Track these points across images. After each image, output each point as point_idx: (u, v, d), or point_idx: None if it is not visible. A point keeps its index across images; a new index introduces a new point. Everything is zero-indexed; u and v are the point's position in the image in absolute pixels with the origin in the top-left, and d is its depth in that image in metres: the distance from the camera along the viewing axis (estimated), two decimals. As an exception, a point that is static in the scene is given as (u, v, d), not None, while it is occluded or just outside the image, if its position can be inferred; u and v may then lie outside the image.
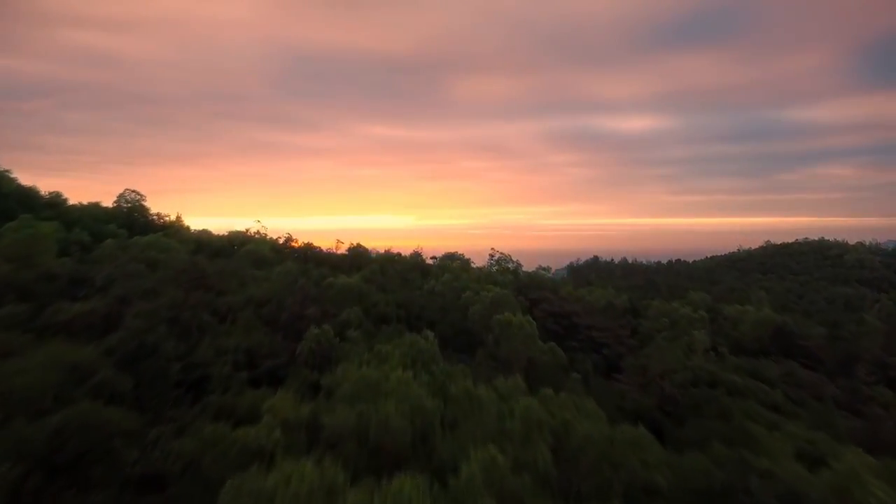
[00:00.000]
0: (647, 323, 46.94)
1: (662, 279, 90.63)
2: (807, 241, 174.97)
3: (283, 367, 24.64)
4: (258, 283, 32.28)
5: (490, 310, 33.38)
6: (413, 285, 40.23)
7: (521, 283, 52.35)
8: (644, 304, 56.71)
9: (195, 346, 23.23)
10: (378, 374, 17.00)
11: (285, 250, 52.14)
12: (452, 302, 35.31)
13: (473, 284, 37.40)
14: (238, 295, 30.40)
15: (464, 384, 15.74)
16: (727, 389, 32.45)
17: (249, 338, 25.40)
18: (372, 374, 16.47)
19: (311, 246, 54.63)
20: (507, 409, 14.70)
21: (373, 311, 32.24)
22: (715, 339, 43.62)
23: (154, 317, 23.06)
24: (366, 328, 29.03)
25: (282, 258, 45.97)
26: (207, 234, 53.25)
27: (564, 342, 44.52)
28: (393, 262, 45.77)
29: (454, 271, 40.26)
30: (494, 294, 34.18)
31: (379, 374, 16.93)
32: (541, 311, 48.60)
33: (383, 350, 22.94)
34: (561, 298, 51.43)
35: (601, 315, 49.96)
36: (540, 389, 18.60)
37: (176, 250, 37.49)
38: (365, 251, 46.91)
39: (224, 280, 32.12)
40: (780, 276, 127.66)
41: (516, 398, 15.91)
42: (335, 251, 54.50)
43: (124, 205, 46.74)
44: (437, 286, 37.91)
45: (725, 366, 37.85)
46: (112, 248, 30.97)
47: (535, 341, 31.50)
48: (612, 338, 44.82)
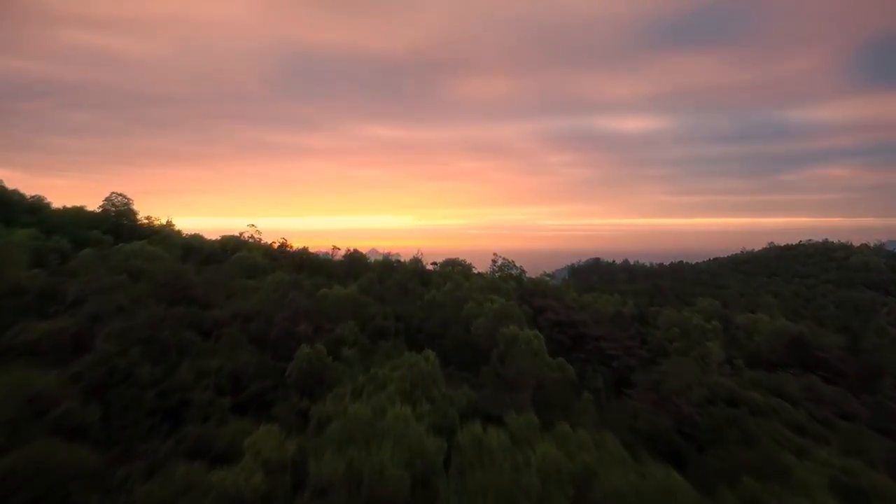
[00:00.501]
0: (657, 333, 44.89)
1: (668, 283, 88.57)
2: (811, 243, 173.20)
3: (270, 391, 22.57)
4: (247, 296, 30.22)
5: (495, 323, 31.32)
6: (413, 295, 38.16)
7: (525, 290, 50.30)
8: (652, 311, 54.65)
9: (174, 369, 21.15)
10: (372, 410, 14.92)
11: (280, 256, 50.08)
12: (454, 314, 33.25)
13: (476, 294, 35.34)
14: (225, 309, 28.34)
15: (471, 432, 13.64)
16: (748, 408, 30.44)
17: (234, 358, 23.32)
18: (365, 413, 14.39)
19: (306, 251, 52.57)
20: (521, 458, 12.63)
21: (370, 325, 30.18)
22: (729, 351, 41.58)
23: (128, 337, 20.99)
24: (362, 345, 26.96)
25: (275, 265, 43.91)
26: (199, 239, 51.18)
27: (571, 354, 42.51)
28: (391, 270, 43.70)
29: (456, 280, 38.19)
30: (499, 305, 32.12)
31: (373, 411, 14.85)
32: (546, 321, 46.56)
33: (380, 374, 20.90)
34: (567, 307, 49.36)
35: (609, 324, 47.92)
36: (555, 424, 16.57)
37: (162, 259, 35.43)
38: (362, 257, 44.71)
39: (210, 292, 30.05)
40: (786, 280, 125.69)
41: (531, 442, 13.84)
42: (331, 256, 52.47)
43: (111, 209, 44.63)
44: (438, 296, 35.85)
45: (742, 381, 35.77)
46: (90, 258, 28.90)
47: (544, 357, 29.40)
48: (621, 349, 42.77)
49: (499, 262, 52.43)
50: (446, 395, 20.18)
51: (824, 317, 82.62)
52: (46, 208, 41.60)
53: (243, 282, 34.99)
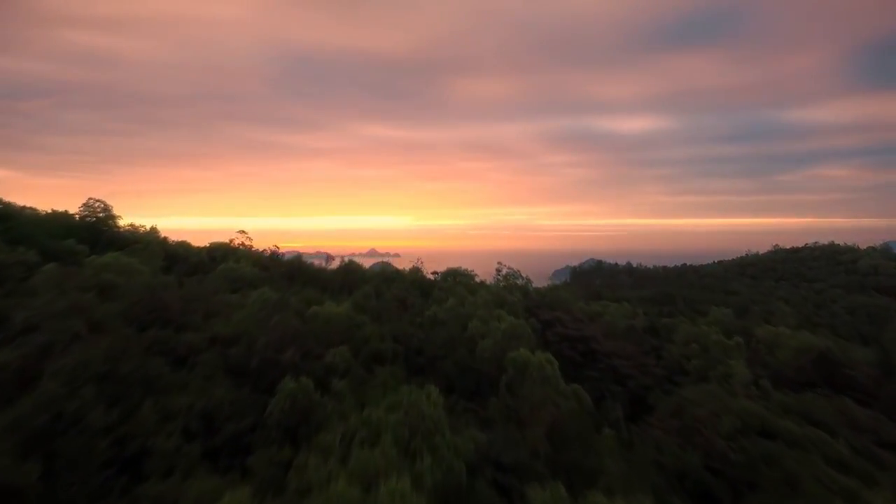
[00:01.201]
0: (673, 348, 42.06)
1: (676, 289, 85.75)
2: (817, 246, 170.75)
3: (248, 433, 19.65)
4: (229, 315, 27.27)
5: (503, 345, 28.47)
6: (412, 310, 35.22)
7: (532, 301, 47.42)
8: (665, 323, 51.80)
9: (135, 410, 18.21)
10: (360, 485, 12.01)
11: (271, 265, 47.13)
12: (458, 333, 30.34)
13: (481, 311, 32.43)
14: (203, 331, 25.38)
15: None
16: (784, 440, 27.67)
17: (209, 393, 20.38)
18: (351, 494, 11.46)
19: (299, 259, 49.60)
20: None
21: (364, 348, 27.25)
22: (751, 369, 38.78)
23: (81, 373, 18.04)
24: (355, 374, 24.02)
25: (264, 277, 40.96)
26: (185, 247, 48.21)
27: (583, 371, 39.66)
28: (390, 281, 40.78)
29: (459, 294, 35.26)
30: (507, 325, 29.21)
31: (362, 487, 11.94)
32: (555, 335, 43.68)
33: (374, 417, 17.99)
34: (576, 319, 46.48)
35: (621, 339, 45.06)
36: (587, 495, 13.73)
37: (138, 272, 32.44)
38: (358, 268, 41.72)
39: (188, 311, 27.10)
40: (794, 284, 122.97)
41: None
42: (326, 264, 49.56)
43: (90, 215, 41.69)
44: (439, 313, 32.92)
45: (772, 405, 33.05)
46: (53, 275, 25.94)
47: (558, 384, 26.52)
48: (635, 367, 39.89)
49: (503, 270, 49.63)
50: (451, 443, 17.29)
51: (838, 325, 79.83)
52: (19, 215, 38.59)
53: (227, 297, 32.03)
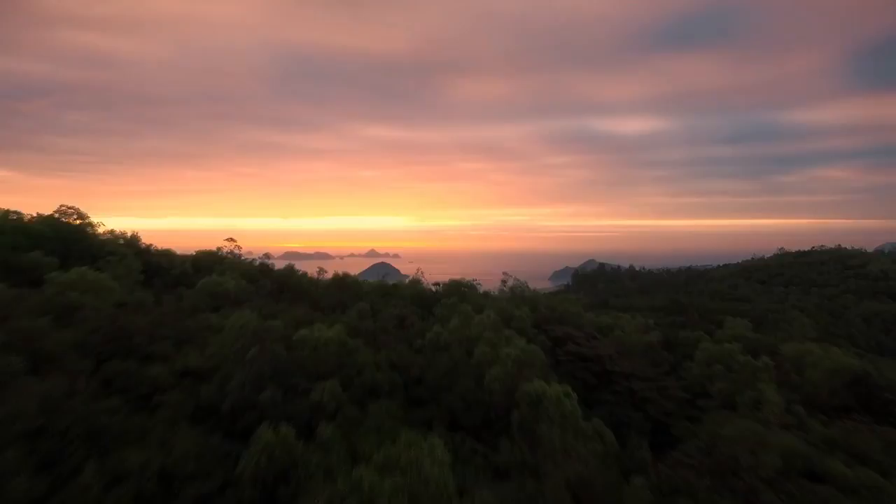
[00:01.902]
0: (694, 368, 38.83)
1: (686, 297, 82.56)
2: (824, 250, 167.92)
3: (215, 496, 16.42)
4: (203, 343, 24.04)
5: (514, 374, 25.26)
6: (412, 330, 31.98)
7: (542, 316, 44.18)
8: (681, 337, 48.63)
9: (74, 474, 14.96)
10: None
11: (259, 276, 43.89)
12: (463, 360, 27.11)
13: (489, 333, 29.20)
14: (171, 363, 22.14)
15: None
16: (834, 484, 24.46)
17: (170, 445, 17.12)
18: None
19: (291, 269, 46.34)
20: None
21: (357, 379, 23.99)
22: (781, 393, 35.53)
23: (8, 428, 14.80)
24: (346, 413, 20.75)
25: (251, 291, 37.71)
26: (168, 257, 44.97)
27: (598, 394, 36.42)
28: (387, 296, 37.55)
29: (463, 312, 32.02)
30: (518, 351, 25.96)
31: None
32: (567, 354, 40.47)
33: (366, 482, 14.78)
34: (589, 336, 43.25)
35: (638, 358, 41.85)
36: None
37: (109, 290, 29.22)
38: (353, 282, 38.38)
39: (157, 337, 23.86)
40: (804, 290, 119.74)
41: None
42: (319, 277, 46.32)
43: (62, 222, 38.43)
44: (442, 334, 29.69)
45: (812, 437, 29.80)
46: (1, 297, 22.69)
47: (578, 421, 23.30)
48: (656, 390, 36.64)
49: (510, 281, 46.42)
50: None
51: (856, 335, 76.82)
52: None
53: (206, 318, 28.79)
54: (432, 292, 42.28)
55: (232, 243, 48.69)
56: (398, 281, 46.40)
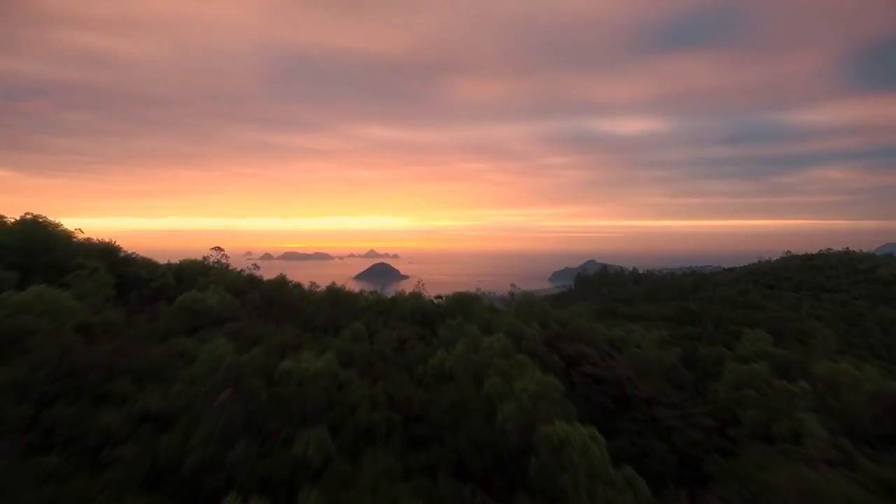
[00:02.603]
0: (720, 391, 35.58)
1: (697, 304, 79.23)
2: (832, 253, 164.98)
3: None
4: (172, 378, 20.67)
5: (529, 411, 21.97)
6: (411, 355, 28.63)
7: (552, 332, 40.85)
8: (702, 354, 45.39)
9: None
10: None
11: (247, 289, 40.51)
12: (470, 393, 23.77)
13: (499, 360, 25.86)
14: (130, 405, 18.79)
15: None
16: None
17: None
18: None
19: (282, 280, 42.95)
20: None
21: (349, 420, 20.64)
22: (823, 422, 32.33)
23: None
24: (335, 469, 17.41)
25: (236, 308, 34.37)
26: (148, 267, 41.58)
27: (617, 422, 33.15)
28: (385, 313, 34.14)
29: (470, 335, 28.68)
30: (534, 384, 22.61)
31: None
32: (582, 376, 37.13)
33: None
34: (604, 354, 39.92)
35: (658, 377, 38.55)
36: None
37: (69, 312, 25.82)
38: (347, 297, 34.88)
39: (116, 372, 20.51)
40: (814, 295, 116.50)
41: None
42: (311, 289, 42.95)
43: (29, 230, 35.03)
44: (446, 361, 26.37)
45: (865, 479, 26.54)
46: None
47: (606, 470, 19.98)
48: (681, 417, 33.32)
49: (517, 293, 43.15)
50: None
51: (875, 345, 73.55)
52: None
53: (181, 343, 25.42)
54: (435, 306, 38.93)
55: (219, 252, 45.34)
56: (397, 293, 43.06)
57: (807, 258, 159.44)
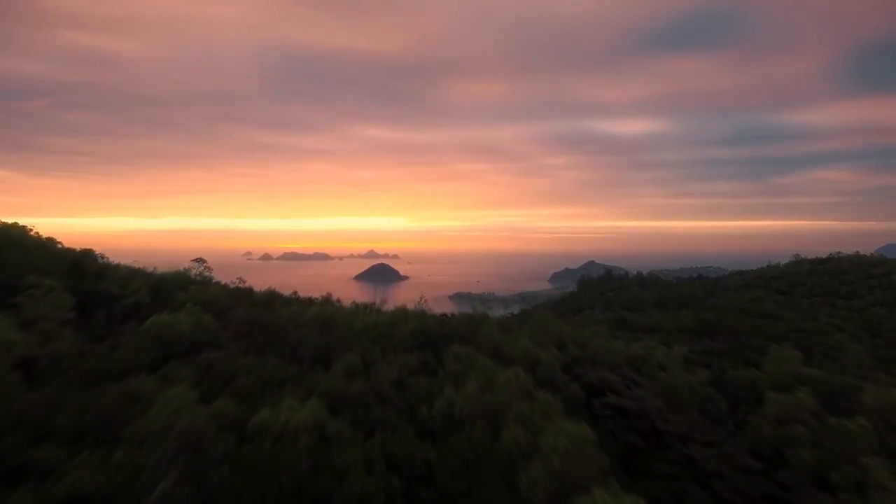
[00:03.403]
0: (765, 427, 31.50)
1: (714, 314, 75.17)
2: (843, 256, 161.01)
3: None
4: (113, 439, 16.55)
5: (561, 475, 17.93)
6: (414, 392, 24.50)
7: (571, 355, 36.76)
8: (734, 377, 41.33)
9: None
10: None
11: (233, 304, 36.42)
12: (485, 448, 19.67)
13: (518, 401, 21.75)
14: (55, 481, 14.66)
15: None
16: None
17: None
18: None
19: (272, 297, 38.82)
20: None
21: (339, 491, 16.54)
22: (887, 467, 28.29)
23: None
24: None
25: (214, 332, 30.27)
26: (122, 280, 37.45)
27: (649, 463, 29.11)
28: (385, 338, 29.92)
29: (482, 370, 24.53)
30: (566, 442, 18.50)
31: None
32: (605, 408, 33.02)
33: None
34: (628, 380, 35.82)
35: (689, 407, 34.48)
36: None
37: (8, 344, 21.71)
38: (339, 320, 30.49)
39: (45, 433, 16.37)
40: (830, 303, 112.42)
41: None
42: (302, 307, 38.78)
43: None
44: (456, 403, 22.26)
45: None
46: None
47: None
48: (722, 457, 29.22)
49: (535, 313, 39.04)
50: None
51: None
52: None
53: (139, 384, 21.28)
54: (440, 327, 34.77)
55: (202, 265, 41.22)
56: (397, 309, 38.92)
57: (817, 262, 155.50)
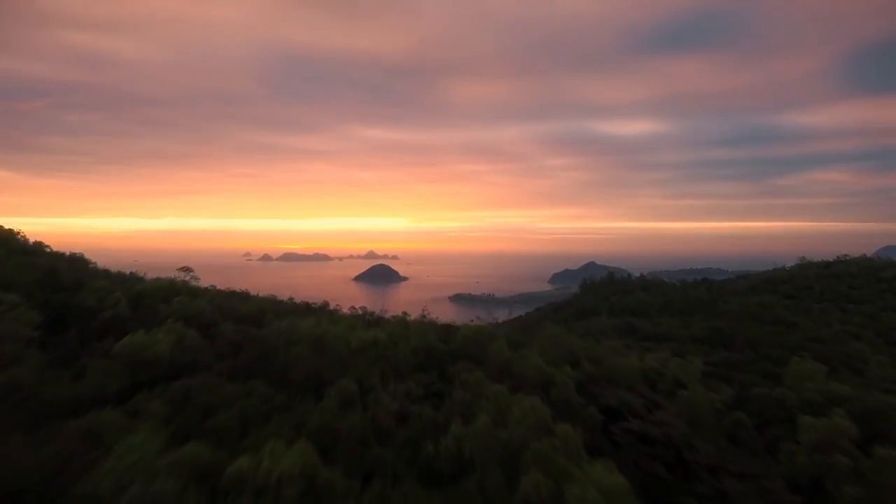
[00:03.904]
0: (801, 457, 28.83)
1: (727, 322, 72.64)
2: (850, 259, 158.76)
3: None
4: (61, 496, 13.85)
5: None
6: (417, 425, 21.79)
7: (586, 374, 34.07)
8: (758, 395, 38.67)
9: None
10: None
11: (219, 321, 33.69)
12: (501, 498, 16.99)
13: (535, 438, 19.07)
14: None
15: None
16: None
17: None
18: None
19: (261, 311, 36.09)
20: None
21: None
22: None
23: None
24: None
25: (201, 349, 27.60)
26: (100, 291, 34.75)
27: (675, 495, 26.38)
28: (385, 360, 27.18)
29: (495, 399, 21.84)
30: (597, 495, 15.82)
31: None
32: (626, 433, 30.32)
33: None
34: (649, 401, 33.11)
35: (715, 431, 31.82)
36: None
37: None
38: (337, 339, 27.60)
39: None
40: (840, 308, 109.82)
41: None
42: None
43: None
44: (465, 439, 19.56)
45: None
46: None
47: None
48: (758, 492, 26.52)
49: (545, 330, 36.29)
50: None
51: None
52: None
53: (103, 420, 18.57)
54: (445, 345, 32.06)
55: (187, 275, 38.50)
56: (396, 324, 36.22)
57: (824, 265, 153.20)
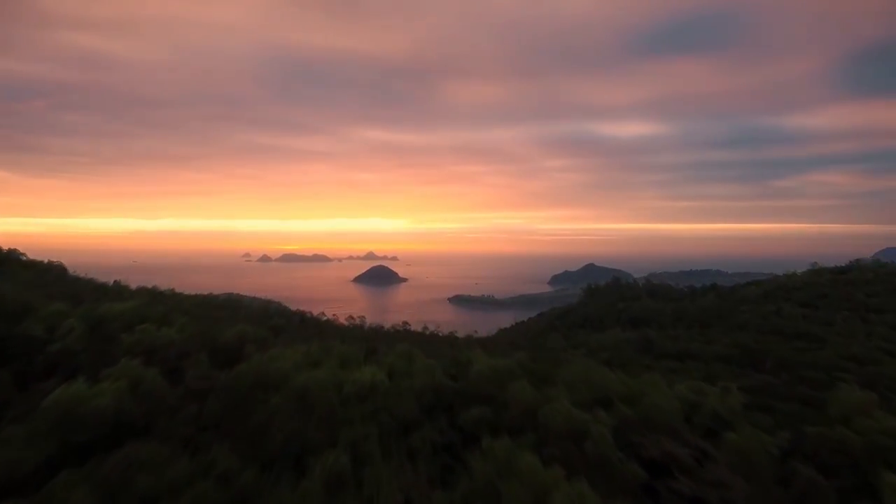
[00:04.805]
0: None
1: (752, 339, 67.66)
2: (863, 264, 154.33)
3: None
4: None
5: None
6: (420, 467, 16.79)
7: (621, 418, 29.08)
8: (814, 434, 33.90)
9: None
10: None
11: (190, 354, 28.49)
12: None
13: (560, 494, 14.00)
14: None
15: None
16: None
17: None
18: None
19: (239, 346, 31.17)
20: None
21: None
22: None
23: None
24: None
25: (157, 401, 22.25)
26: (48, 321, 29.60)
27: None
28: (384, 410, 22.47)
29: (525, 476, 16.82)
30: None
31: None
32: (674, 495, 25.33)
33: None
34: (697, 450, 28.28)
35: (775, 487, 27.05)
36: None
37: None
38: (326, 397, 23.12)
39: None
40: (861, 317, 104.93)
41: None
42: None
43: None
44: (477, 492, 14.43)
45: None
46: None
47: None
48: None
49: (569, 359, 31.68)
50: None
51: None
52: None
53: None
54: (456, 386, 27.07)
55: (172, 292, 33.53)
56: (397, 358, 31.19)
57: (838, 271, 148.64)
